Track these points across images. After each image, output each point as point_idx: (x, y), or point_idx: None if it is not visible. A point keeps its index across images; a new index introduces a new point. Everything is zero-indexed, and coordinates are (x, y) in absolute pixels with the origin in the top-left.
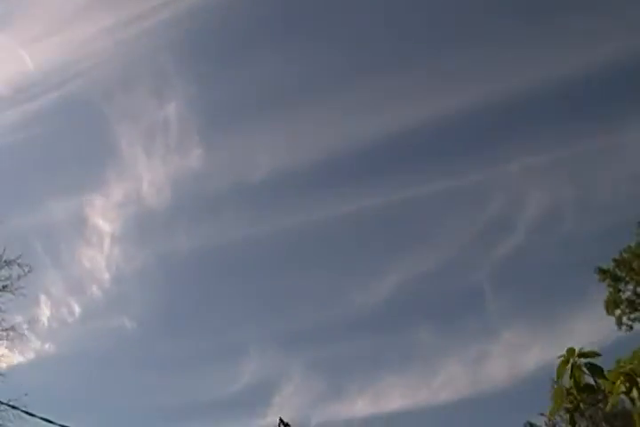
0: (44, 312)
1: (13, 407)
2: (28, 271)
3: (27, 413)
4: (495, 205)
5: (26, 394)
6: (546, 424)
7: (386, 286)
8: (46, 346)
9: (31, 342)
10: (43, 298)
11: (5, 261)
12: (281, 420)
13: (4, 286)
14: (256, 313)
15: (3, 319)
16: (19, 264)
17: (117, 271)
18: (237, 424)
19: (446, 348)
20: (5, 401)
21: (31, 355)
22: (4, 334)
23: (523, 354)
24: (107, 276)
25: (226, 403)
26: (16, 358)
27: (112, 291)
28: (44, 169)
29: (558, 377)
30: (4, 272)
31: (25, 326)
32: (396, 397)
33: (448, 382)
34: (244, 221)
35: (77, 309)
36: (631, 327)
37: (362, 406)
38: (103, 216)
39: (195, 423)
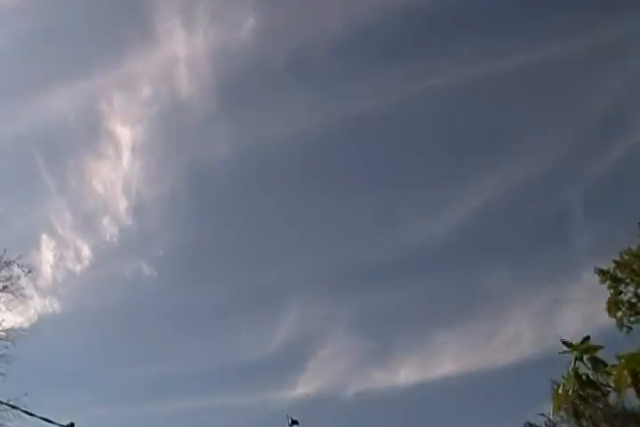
0: (47, 258)
1: (13, 407)
2: (29, 272)
3: (27, 413)
4: (605, 93)
5: (26, 394)
6: (546, 424)
7: (452, 214)
8: (48, 302)
9: (32, 297)
10: (44, 239)
11: (5, 262)
12: (291, 420)
13: (5, 287)
14: (297, 252)
15: (3, 320)
16: (18, 265)
17: (137, 198)
18: (264, 395)
19: (514, 293)
20: (5, 401)
21: (32, 313)
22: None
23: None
24: (123, 205)
25: (254, 367)
26: (15, 320)
27: (129, 226)
28: (48, 47)
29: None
30: (5, 273)
31: (24, 278)
32: (447, 359)
33: (511, 339)
34: (298, 111)
35: (86, 252)
36: (630, 329)
37: (407, 372)
38: (122, 117)
39: (215, 394)
